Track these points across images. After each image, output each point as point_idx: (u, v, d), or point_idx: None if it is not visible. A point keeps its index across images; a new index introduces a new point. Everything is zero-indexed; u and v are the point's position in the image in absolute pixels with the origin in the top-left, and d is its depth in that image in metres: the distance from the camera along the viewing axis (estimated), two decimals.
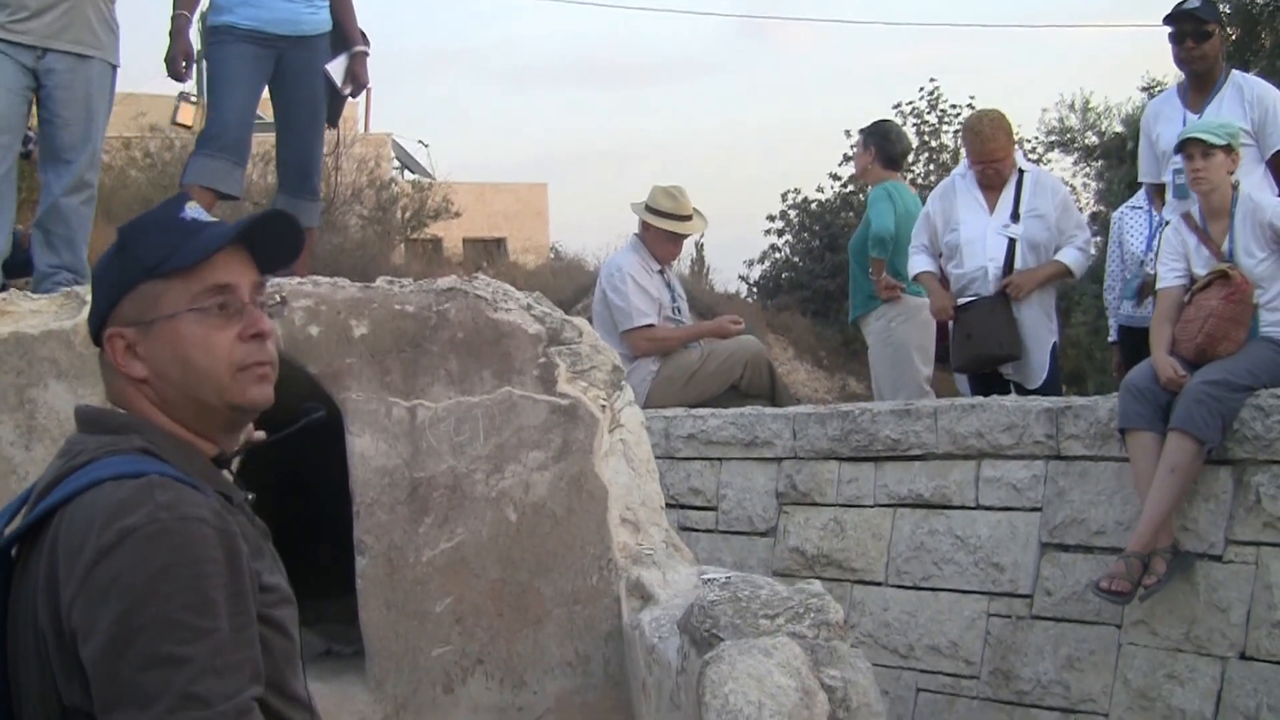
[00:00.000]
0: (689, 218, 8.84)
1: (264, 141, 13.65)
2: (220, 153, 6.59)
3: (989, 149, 8.11)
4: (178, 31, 6.65)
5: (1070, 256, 8.10)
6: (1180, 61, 7.36)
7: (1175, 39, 7.27)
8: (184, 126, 6.97)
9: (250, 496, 2.57)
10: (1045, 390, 7.89)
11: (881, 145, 9.46)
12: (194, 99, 6.83)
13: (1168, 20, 7.31)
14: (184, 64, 6.68)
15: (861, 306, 9.29)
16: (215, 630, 2.17)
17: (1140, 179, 7.95)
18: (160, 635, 2.14)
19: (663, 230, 8.74)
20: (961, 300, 8.18)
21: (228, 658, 2.17)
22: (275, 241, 2.55)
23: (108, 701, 2.15)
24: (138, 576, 2.15)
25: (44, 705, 2.27)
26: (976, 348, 8.13)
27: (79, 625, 2.18)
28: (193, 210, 2.48)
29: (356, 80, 7.04)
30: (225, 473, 2.53)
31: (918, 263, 8.45)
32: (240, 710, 2.15)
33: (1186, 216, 6.46)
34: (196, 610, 2.16)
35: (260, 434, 2.79)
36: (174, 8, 6.69)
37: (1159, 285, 6.56)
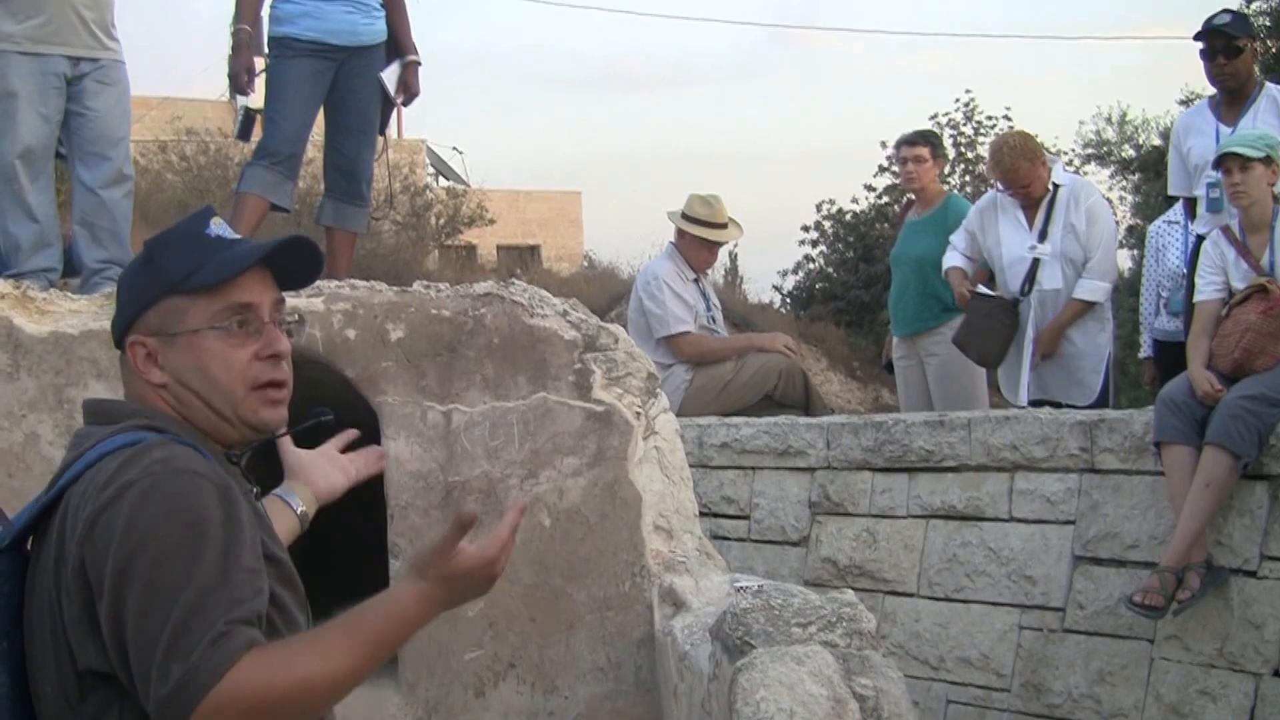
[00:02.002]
0: (724, 226, 8.82)
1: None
2: (276, 166, 6.63)
3: (1010, 179, 8.11)
4: (240, 46, 6.68)
5: (1087, 290, 8.03)
6: (1212, 78, 7.32)
7: (1207, 55, 7.23)
8: (245, 140, 7.00)
9: (255, 490, 2.65)
10: (1096, 405, 7.87)
11: (943, 157, 9.45)
12: (255, 112, 6.85)
13: (1198, 37, 7.28)
14: (247, 78, 6.71)
15: (933, 319, 9.02)
16: (205, 571, 2.22)
17: (1170, 192, 7.91)
18: (152, 584, 2.20)
19: (698, 238, 8.73)
20: (982, 289, 8.19)
21: (211, 598, 2.20)
22: (297, 262, 2.63)
23: (121, 650, 2.22)
24: (134, 528, 2.24)
25: (59, 674, 2.33)
26: (966, 339, 8.26)
27: (92, 581, 2.26)
28: (217, 227, 2.57)
29: (408, 89, 7.06)
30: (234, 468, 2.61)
31: (950, 258, 8.47)
32: (217, 638, 2.17)
33: (1226, 230, 6.43)
34: (188, 555, 2.22)
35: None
36: (234, 22, 6.72)
37: (1196, 298, 6.53)
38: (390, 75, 6.89)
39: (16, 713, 2.38)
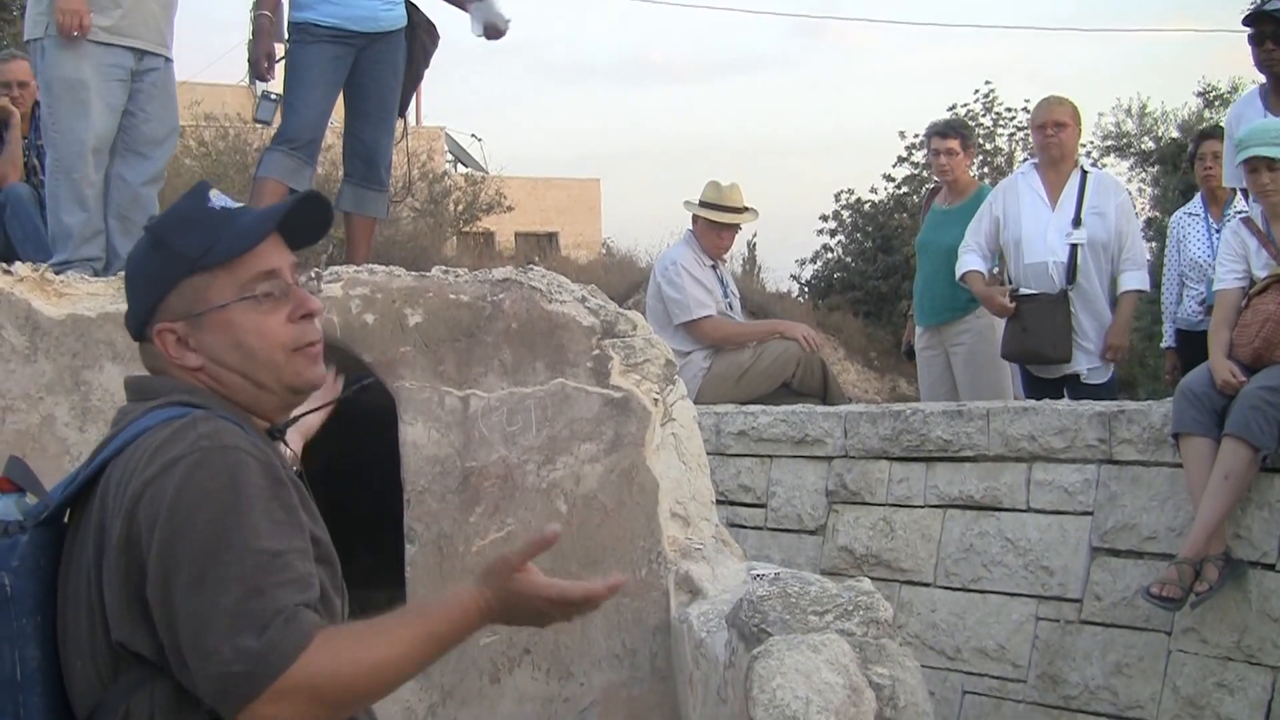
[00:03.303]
0: (735, 209, 8.80)
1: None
2: (295, 151, 6.64)
3: (1054, 110, 8.14)
4: (260, 32, 6.72)
5: (1135, 282, 8.10)
6: (1260, 64, 7.24)
7: (1255, 41, 7.15)
8: (265, 123, 7.05)
9: (298, 469, 2.63)
10: (1106, 388, 7.85)
11: (973, 147, 9.41)
12: (274, 96, 6.87)
13: (1247, 22, 7.20)
14: (267, 64, 6.74)
15: (960, 310, 8.94)
16: (259, 551, 2.21)
17: (1225, 183, 7.86)
18: (204, 559, 2.19)
19: (708, 221, 8.73)
20: (1024, 290, 8.13)
21: (271, 577, 2.20)
22: (307, 220, 2.61)
23: (167, 625, 2.21)
24: (180, 503, 2.22)
25: (93, 650, 2.33)
26: (1031, 343, 8.09)
27: (140, 557, 2.25)
28: (218, 199, 2.53)
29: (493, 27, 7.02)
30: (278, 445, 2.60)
31: (968, 261, 8.37)
32: (289, 618, 2.18)
33: (1248, 220, 6.39)
34: (239, 532, 2.21)
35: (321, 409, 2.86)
36: (255, 8, 6.73)
37: (1216, 287, 6.51)
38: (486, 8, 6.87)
39: (47, 688, 2.37)
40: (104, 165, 6.22)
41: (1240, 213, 7.25)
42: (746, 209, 8.91)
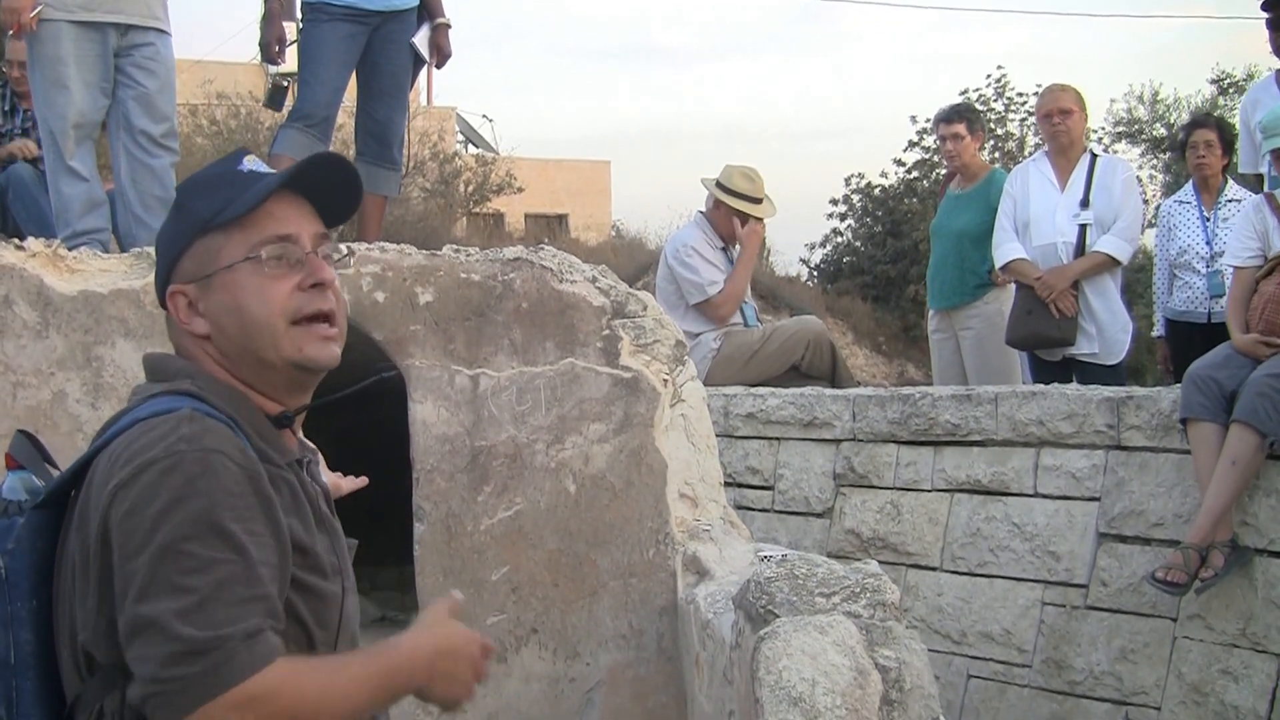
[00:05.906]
0: (762, 201, 8.80)
1: None
2: (309, 129, 6.67)
3: (1059, 98, 8.17)
4: (271, 16, 6.76)
5: (1110, 245, 8.01)
6: (1278, 49, 7.22)
7: (1273, 25, 7.13)
8: (276, 109, 7.07)
9: (307, 459, 2.53)
10: (1115, 372, 7.84)
11: (981, 130, 9.42)
12: (286, 82, 6.90)
13: (1265, 6, 7.16)
14: (277, 47, 6.77)
15: (969, 294, 8.97)
16: (225, 561, 2.12)
17: (1241, 170, 7.84)
18: (165, 564, 2.09)
19: (734, 210, 8.71)
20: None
21: (237, 590, 2.11)
22: (335, 190, 2.50)
23: (123, 627, 2.12)
24: (150, 507, 2.12)
25: (71, 638, 2.25)
26: (1034, 325, 8.07)
27: (113, 557, 2.16)
28: (251, 163, 2.45)
29: (440, 51, 7.10)
30: (288, 431, 2.49)
31: (1011, 250, 8.31)
32: (250, 634, 2.09)
33: (1269, 197, 6.37)
34: (205, 541, 2.11)
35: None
36: None
37: (1231, 261, 6.50)
38: (421, 38, 6.91)
39: (40, 673, 2.30)
40: (86, 139, 6.26)
41: (1234, 200, 7.26)
42: (768, 198, 8.90)
